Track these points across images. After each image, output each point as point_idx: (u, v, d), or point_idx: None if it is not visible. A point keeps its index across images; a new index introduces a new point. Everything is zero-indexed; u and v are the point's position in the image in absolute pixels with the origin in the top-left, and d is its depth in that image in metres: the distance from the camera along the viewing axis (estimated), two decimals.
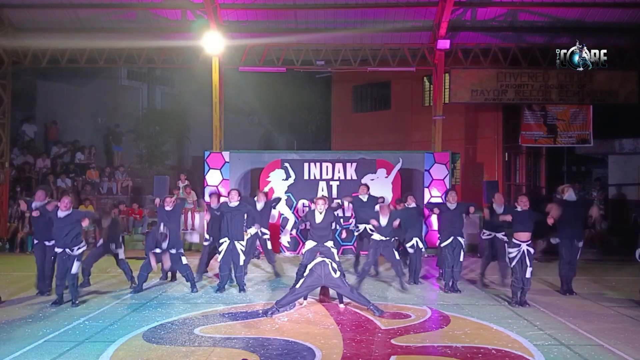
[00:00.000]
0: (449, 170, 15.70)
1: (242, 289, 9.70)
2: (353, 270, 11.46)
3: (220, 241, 9.76)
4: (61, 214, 8.65)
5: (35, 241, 9.62)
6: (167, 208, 10.49)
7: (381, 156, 15.74)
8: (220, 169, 15.70)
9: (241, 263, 9.76)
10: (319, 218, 9.22)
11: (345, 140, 22.36)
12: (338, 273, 8.17)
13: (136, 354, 6.26)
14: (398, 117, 21.23)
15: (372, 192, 11.97)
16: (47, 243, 9.31)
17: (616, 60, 15.63)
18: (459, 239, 9.85)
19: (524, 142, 17.41)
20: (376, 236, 9.90)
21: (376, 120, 21.91)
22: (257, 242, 11.51)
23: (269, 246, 11.58)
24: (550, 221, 9.08)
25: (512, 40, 16.11)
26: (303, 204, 14.82)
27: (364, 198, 11.61)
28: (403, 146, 19.69)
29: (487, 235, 10.76)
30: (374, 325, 7.51)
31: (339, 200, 13.78)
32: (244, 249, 9.85)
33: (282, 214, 15.07)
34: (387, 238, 9.88)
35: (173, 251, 9.77)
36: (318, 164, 15.29)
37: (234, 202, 9.74)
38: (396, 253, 10.05)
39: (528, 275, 8.67)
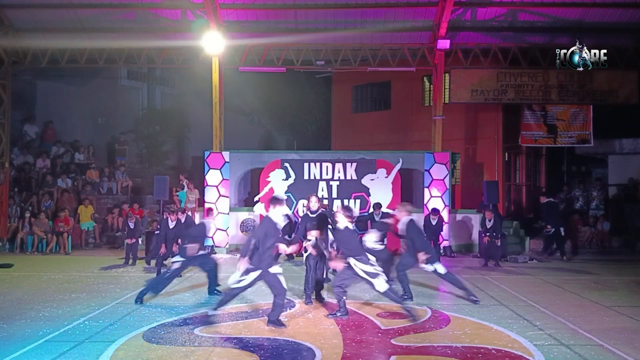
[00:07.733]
0: (449, 170, 15.71)
1: None
2: None
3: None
4: None
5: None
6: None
7: (381, 156, 15.73)
8: (220, 169, 15.69)
9: None
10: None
11: (345, 140, 22.34)
12: None
13: (136, 354, 6.26)
14: (398, 117, 21.20)
15: (373, 193, 11.95)
16: None
17: (616, 60, 15.64)
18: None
19: (524, 142, 17.40)
20: None
21: (376, 120, 21.88)
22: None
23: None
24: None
25: (512, 40, 16.12)
26: (303, 204, 14.81)
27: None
28: (403, 146, 19.67)
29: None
30: (374, 325, 7.51)
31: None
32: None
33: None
34: None
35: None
36: (318, 164, 15.30)
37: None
38: None
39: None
